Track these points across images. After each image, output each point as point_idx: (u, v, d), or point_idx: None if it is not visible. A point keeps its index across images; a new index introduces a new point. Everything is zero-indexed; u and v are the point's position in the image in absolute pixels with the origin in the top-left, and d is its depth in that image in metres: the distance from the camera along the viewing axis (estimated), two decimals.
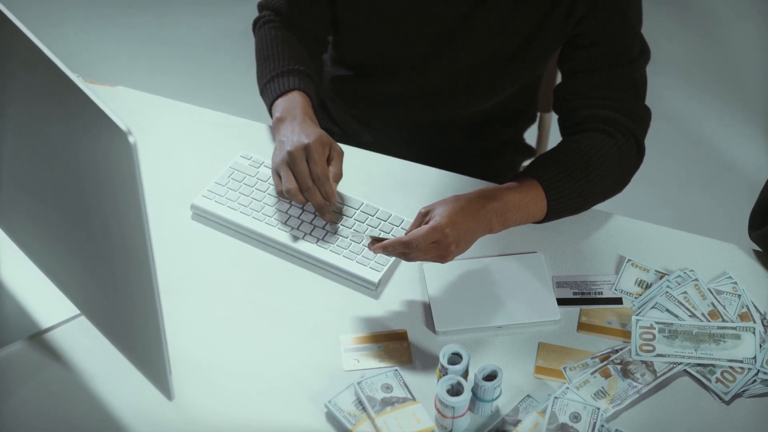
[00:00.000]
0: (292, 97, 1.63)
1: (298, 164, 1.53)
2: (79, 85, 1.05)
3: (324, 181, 1.53)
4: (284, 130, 1.58)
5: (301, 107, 1.61)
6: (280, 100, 1.63)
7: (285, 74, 1.66)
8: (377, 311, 1.51)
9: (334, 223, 1.57)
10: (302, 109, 1.61)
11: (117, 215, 1.11)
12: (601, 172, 1.58)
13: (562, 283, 1.53)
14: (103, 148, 1.05)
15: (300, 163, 1.53)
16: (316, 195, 1.53)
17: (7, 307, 1.48)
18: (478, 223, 1.48)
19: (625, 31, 1.61)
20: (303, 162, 1.53)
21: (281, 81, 1.65)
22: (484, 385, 1.35)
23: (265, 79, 1.68)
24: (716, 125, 3.06)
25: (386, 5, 1.66)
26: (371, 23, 1.70)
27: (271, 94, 1.65)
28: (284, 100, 1.63)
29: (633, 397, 1.41)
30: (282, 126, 1.59)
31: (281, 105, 1.62)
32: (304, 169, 1.53)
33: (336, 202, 1.55)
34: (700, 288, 1.51)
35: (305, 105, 1.63)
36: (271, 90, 1.65)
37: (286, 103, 1.62)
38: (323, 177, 1.53)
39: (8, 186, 1.34)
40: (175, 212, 1.62)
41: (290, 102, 1.62)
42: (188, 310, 1.49)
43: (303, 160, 1.53)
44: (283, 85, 1.65)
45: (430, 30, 1.67)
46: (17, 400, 1.39)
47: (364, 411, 1.37)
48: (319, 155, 1.53)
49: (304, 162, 1.53)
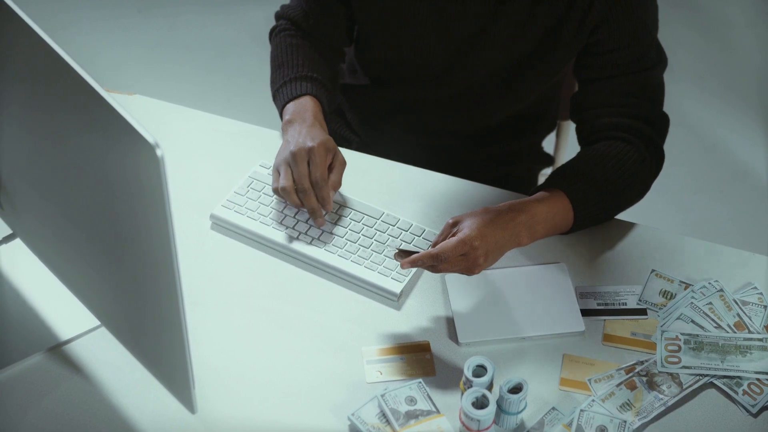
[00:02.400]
0: (303, 102, 1.63)
1: (299, 165, 1.53)
2: (106, 97, 1.04)
3: (322, 185, 1.53)
4: (291, 131, 1.58)
5: (312, 112, 1.61)
6: (291, 103, 1.64)
7: (298, 80, 1.66)
8: (399, 322, 1.49)
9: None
10: (312, 114, 1.61)
11: (142, 227, 1.10)
12: (625, 181, 1.56)
13: (585, 294, 1.52)
14: (130, 161, 1.04)
15: (301, 164, 1.53)
16: (311, 198, 1.53)
17: (27, 319, 1.47)
18: (507, 236, 1.47)
19: (641, 38, 1.60)
20: (304, 164, 1.53)
21: (293, 86, 1.65)
22: (509, 398, 1.34)
23: (277, 84, 1.68)
24: (729, 131, 3.05)
25: (404, 17, 1.66)
26: (389, 34, 1.69)
27: (282, 98, 1.66)
28: (295, 104, 1.63)
29: (659, 409, 1.39)
30: (290, 128, 1.59)
31: (291, 108, 1.63)
32: (304, 171, 1.53)
33: (331, 209, 1.55)
34: (725, 299, 1.49)
35: (316, 110, 1.62)
36: (283, 94, 1.66)
37: (296, 107, 1.63)
38: (322, 181, 1.53)
39: (30, 196, 1.33)
40: (195, 222, 1.61)
41: (301, 106, 1.63)
42: (208, 320, 1.48)
43: (304, 162, 1.53)
44: (295, 89, 1.65)
45: (448, 40, 1.66)
46: (38, 412, 1.37)
47: (387, 424, 1.36)
48: (321, 159, 1.53)
49: (305, 164, 1.53)
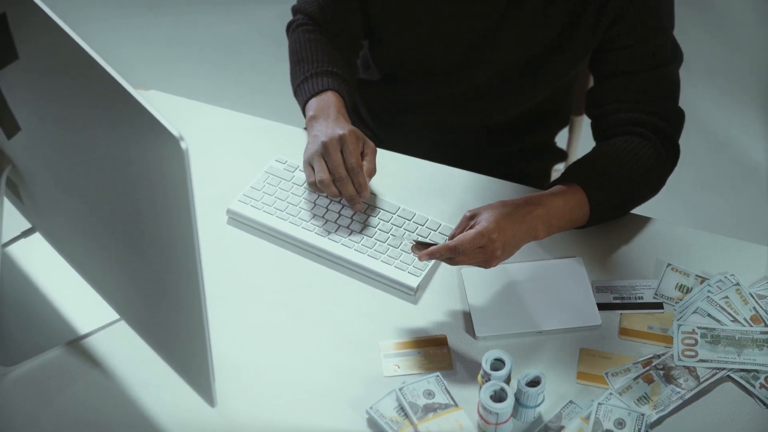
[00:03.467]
0: (326, 97, 1.63)
1: (332, 155, 1.53)
2: (131, 92, 1.04)
3: (358, 171, 1.53)
4: (318, 126, 1.58)
5: (335, 107, 1.61)
6: (314, 99, 1.64)
7: (319, 75, 1.66)
8: (416, 316, 1.50)
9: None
10: (336, 108, 1.61)
11: (166, 220, 1.10)
12: (641, 176, 1.57)
13: (602, 288, 1.52)
14: (155, 154, 1.04)
15: (334, 154, 1.53)
16: (348, 185, 1.53)
17: (45, 313, 1.47)
18: (525, 229, 1.47)
19: (657, 34, 1.60)
20: (337, 153, 1.53)
21: (315, 81, 1.65)
22: (527, 391, 1.34)
23: (298, 80, 1.68)
24: (739, 129, 3.04)
25: (419, 12, 1.66)
26: (404, 30, 1.70)
27: (304, 94, 1.66)
28: (318, 100, 1.63)
29: (676, 402, 1.39)
30: (316, 123, 1.59)
31: (315, 104, 1.63)
32: (338, 159, 1.53)
33: (368, 194, 1.55)
34: (741, 292, 1.50)
35: (339, 105, 1.62)
36: (305, 90, 1.66)
37: (319, 102, 1.63)
38: (357, 167, 1.53)
39: (51, 191, 1.33)
40: (211, 217, 1.61)
41: (324, 101, 1.63)
42: (225, 314, 1.49)
43: (337, 151, 1.53)
44: (317, 85, 1.65)
45: (463, 37, 1.66)
46: (57, 406, 1.38)
47: (406, 417, 1.36)
48: (354, 146, 1.54)
49: (338, 153, 1.53)
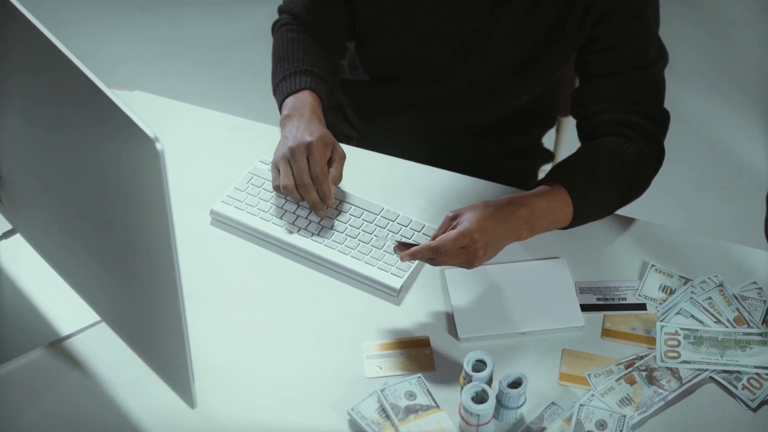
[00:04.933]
0: (302, 96, 1.64)
1: (298, 161, 1.53)
2: (106, 92, 1.04)
3: (322, 180, 1.53)
4: (289, 126, 1.58)
5: (310, 106, 1.62)
6: (290, 98, 1.64)
7: (297, 74, 1.66)
8: (399, 318, 1.49)
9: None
10: (311, 108, 1.61)
11: (142, 221, 1.10)
12: (625, 176, 1.56)
13: (585, 289, 1.52)
14: (130, 155, 1.04)
15: (300, 160, 1.53)
16: (311, 192, 1.53)
17: (27, 315, 1.47)
18: (507, 229, 1.47)
19: (642, 34, 1.60)
20: (303, 159, 1.53)
21: (293, 80, 1.66)
22: (509, 393, 1.34)
23: (278, 79, 1.68)
24: (731, 128, 3.05)
25: (405, 13, 1.66)
26: (390, 31, 1.69)
27: (282, 92, 1.66)
28: (294, 98, 1.64)
29: (659, 404, 1.39)
30: (288, 123, 1.59)
31: (290, 103, 1.63)
32: (303, 166, 1.53)
33: (332, 203, 1.55)
34: (725, 294, 1.50)
35: (314, 104, 1.63)
36: (283, 89, 1.66)
37: (295, 101, 1.63)
38: (321, 176, 1.53)
39: (31, 192, 1.33)
40: (195, 218, 1.61)
41: (300, 100, 1.63)
42: (208, 316, 1.48)
43: (303, 158, 1.53)
44: (294, 84, 1.65)
45: (449, 37, 1.66)
46: (38, 408, 1.38)
47: (387, 419, 1.36)
48: (320, 154, 1.54)
49: (304, 159, 1.53)
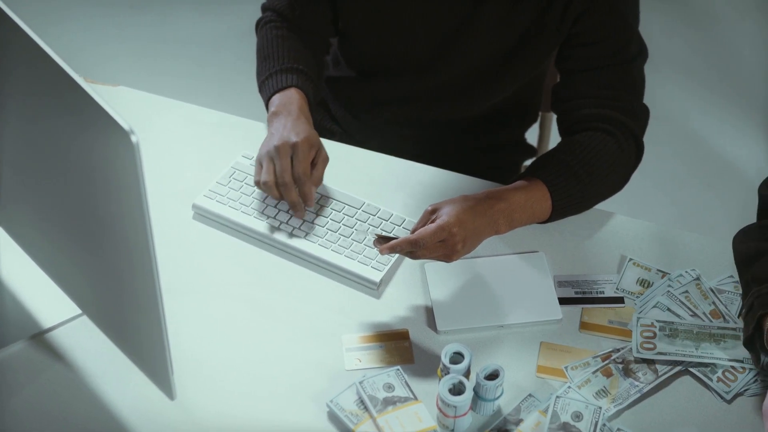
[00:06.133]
0: (289, 94, 1.64)
1: (282, 159, 1.54)
2: (82, 84, 1.05)
3: (304, 181, 1.54)
4: (277, 123, 1.59)
5: (297, 104, 1.63)
6: (277, 95, 1.65)
7: (283, 72, 1.67)
8: (379, 311, 1.51)
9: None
10: (298, 106, 1.62)
11: (119, 215, 1.11)
12: (603, 171, 1.58)
13: (563, 283, 1.53)
14: (106, 148, 1.05)
15: (283, 159, 1.54)
16: (291, 192, 1.54)
17: (9, 307, 1.48)
18: (486, 223, 1.48)
19: (622, 30, 1.61)
20: (287, 159, 1.54)
21: (279, 78, 1.66)
22: (486, 385, 1.35)
23: (263, 76, 1.69)
24: (716, 123, 3.06)
25: (388, 8, 1.67)
26: (373, 26, 1.70)
27: (268, 90, 1.67)
28: (281, 96, 1.64)
29: (635, 396, 1.40)
30: (275, 120, 1.60)
31: (277, 100, 1.64)
32: (286, 165, 1.54)
33: (312, 204, 1.56)
34: (701, 287, 1.51)
35: (302, 102, 1.64)
36: (269, 86, 1.67)
37: (282, 99, 1.64)
38: (304, 177, 1.54)
39: (9, 185, 1.34)
40: (177, 212, 1.62)
41: (287, 98, 1.64)
42: (189, 309, 1.49)
43: (287, 157, 1.54)
44: (280, 81, 1.66)
45: (432, 32, 1.67)
46: (19, 400, 1.39)
47: (366, 410, 1.37)
48: (304, 155, 1.55)
49: (288, 159, 1.54)
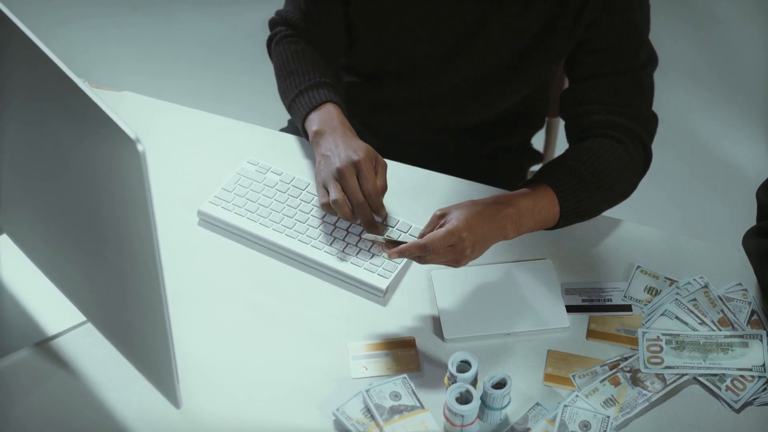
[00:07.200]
0: (327, 110, 1.61)
1: (349, 180, 1.51)
2: (87, 92, 1.04)
3: (374, 197, 1.52)
4: (326, 143, 1.56)
5: (339, 119, 1.60)
6: (315, 113, 1.61)
7: (314, 87, 1.64)
8: (385, 318, 1.50)
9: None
10: (340, 121, 1.59)
11: (125, 222, 1.10)
12: (612, 178, 1.57)
13: (571, 290, 1.53)
14: (112, 156, 1.05)
15: (350, 179, 1.51)
16: (366, 210, 1.52)
17: (13, 315, 1.47)
18: (494, 228, 1.47)
19: (633, 37, 1.61)
20: (353, 178, 1.51)
21: (311, 94, 1.63)
22: (493, 393, 1.35)
23: (292, 94, 1.65)
24: (721, 127, 3.05)
25: (399, 14, 1.66)
26: (381, 31, 1.69)
27: (302, 108, 1.63)
28: (319, 113, 1.61)
29: (642, 405, 1.40)
30: (322, 140, 1.57)
31: (317, 118, 1.61)
32: (355, 185, 1.51)
33: (385, 215, 1.54)
34: (709, 295, 1.50)
35: (342, 117, 1.61)
36: (302, 104, 1.63)
37: (322, 116, 1.61)
38: (374, 194, 1.52)
39: (15, 192, 1.33)
40: (182, 218, 1.61)
41: (326, 114, 1.61)
42: (195, 316, 1.49)
43: (353, 176, 1.51)
44: (314, 98, 1.63)
45: (441, 38, 1.66)
46: (23, 407, 1.38)
47: (372, 419, 1.36)
48: (369, 171, 1.52)
49: (354, 178, 1.51)
